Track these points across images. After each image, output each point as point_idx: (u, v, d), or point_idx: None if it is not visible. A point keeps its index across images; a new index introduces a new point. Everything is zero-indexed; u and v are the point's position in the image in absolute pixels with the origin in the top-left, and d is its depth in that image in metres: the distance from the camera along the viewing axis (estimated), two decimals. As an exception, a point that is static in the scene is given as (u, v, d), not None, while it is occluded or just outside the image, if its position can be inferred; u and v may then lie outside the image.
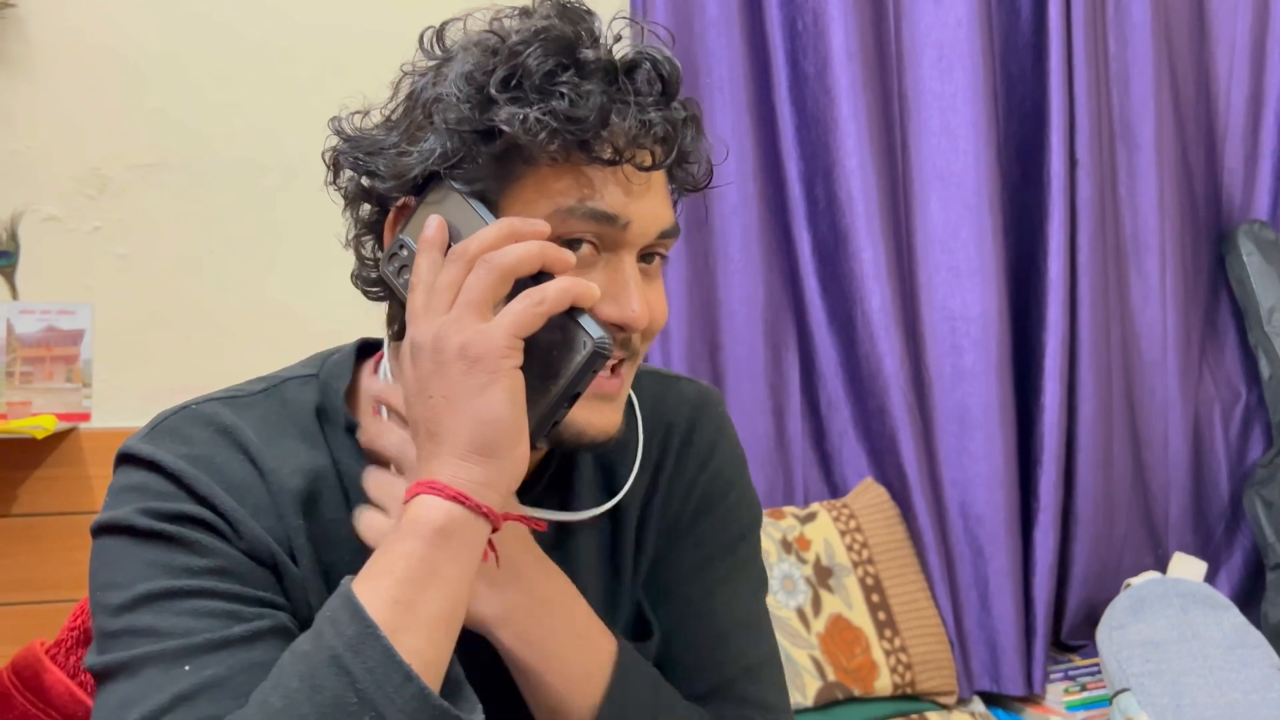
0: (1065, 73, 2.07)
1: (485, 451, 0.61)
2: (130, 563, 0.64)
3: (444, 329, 0.62)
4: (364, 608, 0.58)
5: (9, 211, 1.80)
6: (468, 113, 0.65)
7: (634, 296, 0.67)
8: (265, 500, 0.69)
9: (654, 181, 0.69)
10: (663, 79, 0.68)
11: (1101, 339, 2.11)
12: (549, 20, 0.66)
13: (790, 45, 2.05)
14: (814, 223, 2.07)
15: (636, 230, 0.67)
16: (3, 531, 1.71)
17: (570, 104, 0.63)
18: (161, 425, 0.71)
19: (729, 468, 0.85)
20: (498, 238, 0.63)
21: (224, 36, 1.89)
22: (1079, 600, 2.13)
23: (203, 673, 0.60)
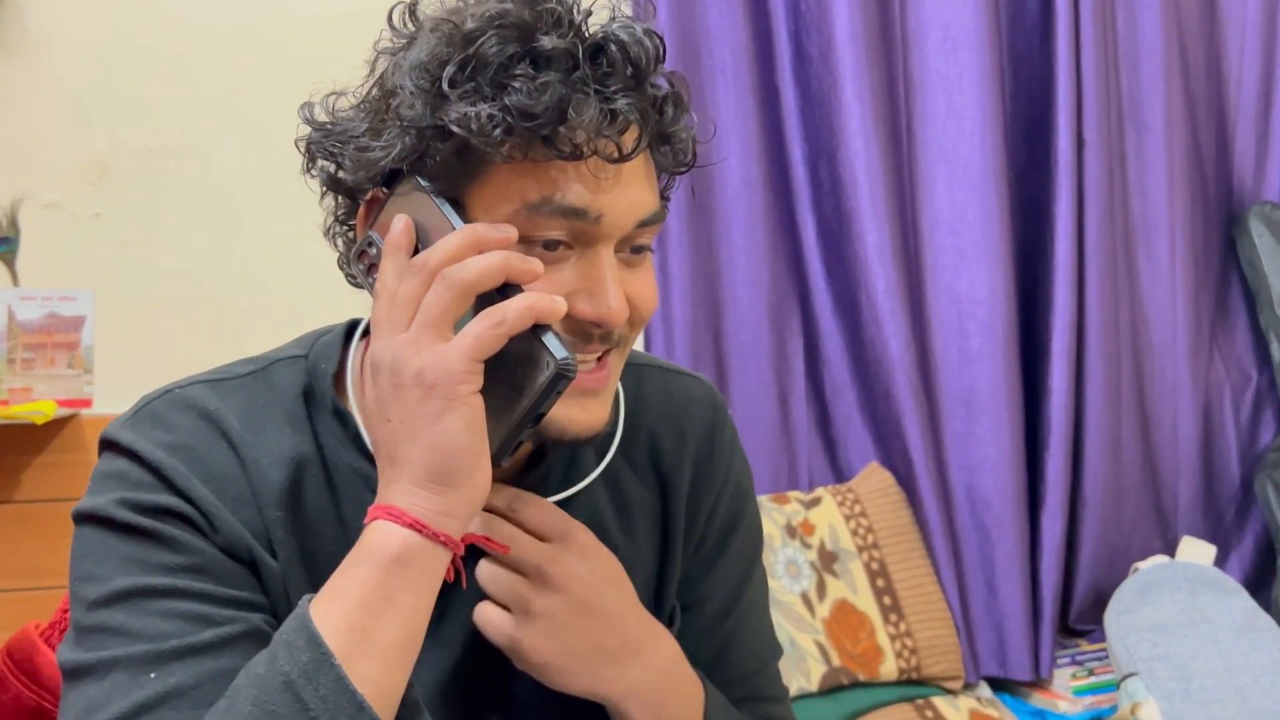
0: (1073, 53, 2.04)
1: (443, 480, 0.60)
2: (108, 556, 0.64)
3: (401, 350, 0.60)
4: (319, 634, 0.57)
5: (9, 198, 1.80)
6: (421, 109, 0.62)
7: (610, 292, 0.64)
8: (245, 492, 0.68)
9: (628, 170, 0.65)
10: (631, 61, 0.63)
11: (1110, 321, 2.09)
12: (506, 3, 0.63)
13: (794, 26, 2.03)
14: (818, 205, 2.06)
15: (610, 222, 0.64)
16: (3, 517, 1.72)
17: (526, 98, 0.60)
18: (144, 410, 0.70)
19: (745, 479, 0.86)
20: (459, 248, 0.61)
21: (224, 22, 1.89)
22: (1087, 585, 2.12)
23: (168, 680, 0.60)
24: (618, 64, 0.63)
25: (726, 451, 0.84)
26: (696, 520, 0.82)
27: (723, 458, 0.83)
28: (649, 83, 0.65)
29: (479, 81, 0.61)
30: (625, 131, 0.63)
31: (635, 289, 0.68)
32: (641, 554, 0.79)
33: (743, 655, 0.85)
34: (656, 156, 0.69)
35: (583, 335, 0.65)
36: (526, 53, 0.62)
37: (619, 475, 0.80)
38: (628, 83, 0.63)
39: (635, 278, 0.68)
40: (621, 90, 0.63)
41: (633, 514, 0.80)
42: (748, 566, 0.86)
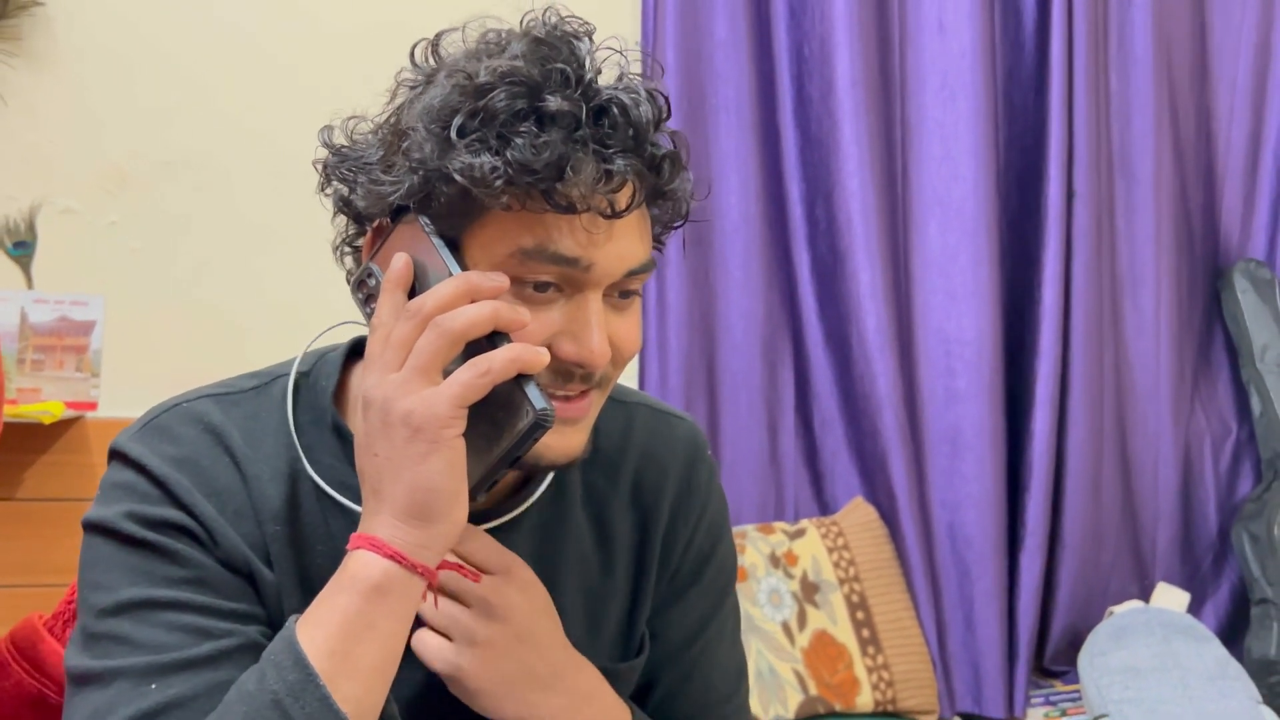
0: (1065, 106, 2.10)
1: (422, 516, 0.63)
2: (115, 567, 0.68)
3: (392, 390, 0.63)
4: (305, 655, 0.61)
5: (28, 203, 1.85)
6: (429, 152, 0.65)
7: (594, 336, 0.67)
8: (246, 506, 0.71)
9: (621, 223, 0.68)
10: (631, 123, 0.66)
11: (1094, 367, 2.14)
12: (516, 61, 0.66)
13: (796, 69, 2.10)
14: (814, 243, 2.11)
15: (600, 271, 0.67)
16: (7, 514, 1.75)
17: (528, 153, 0.63)
18: (152, 423, 0.73)
19: (721, 514, 0.89)
20: (452, 296, 0.64)
21: (245, 38, 1.95)
22: (1063, 626, 2.15)
23: (167, 691, 0.64)
24: (619, 125, 0.66)
25: (704, 487, 0.87)
26: (671, 553, 0.85)
27: (699, 492, 0.87)
28: (648, 143, 0.68)
29: (485, 133, 0.64)
30: (621, 189, 0.66)
31: (620, 332, 0.71)
32: (617, 585, 0.82)
33: (707, 685, 0.87)
34: (652, 210, 0.72)
35: (565, 374, 0.68)
36: (533, 110, 0.65)
37: (604, 509, 0.83)
38: (627, 143, 0.66)
39: (621, 321, 0.71)
40: (620, 151, 0.66)
41: (614, 547, 0.83)
42: (718, 598, 0.88)
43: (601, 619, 0.82)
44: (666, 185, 0.70)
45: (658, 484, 0.84)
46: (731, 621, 0.90)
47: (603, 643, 0.82)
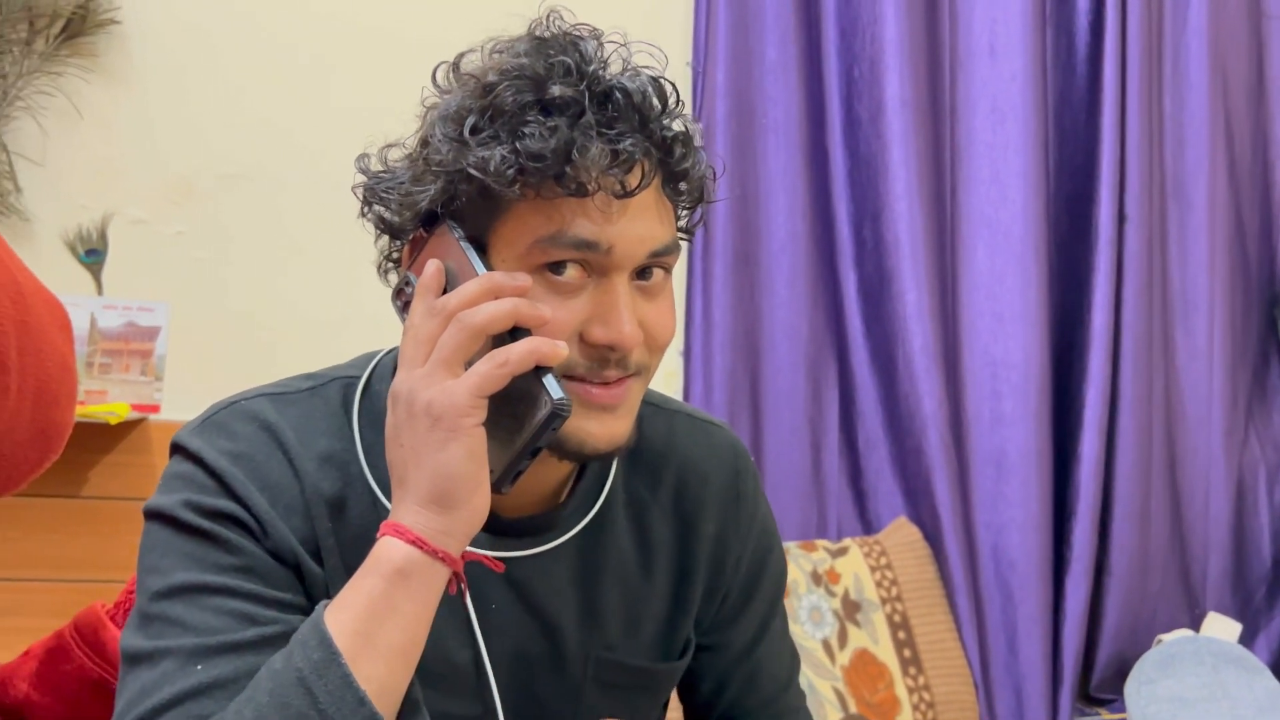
0: (1118, 130, 2.10)
1: (443, 502, 0.66)
2: (172, 552, 0.71)
3: (416, 383, 0.67)
4: (330, 635, 0.64)
5: (100, 213, 1.93)
6: (447, 155, 0.69)
7: (623, 318, 0.69)
8: (298, 501, 0.74)
9: (637, 204, 0.70)
10: (635, 106, 0.69)
11: (1144, 393, 2.12)
12: (520, 59, 0.69)
13: (846, 91, 2.11)
14: (860, 263, 2.12)
15: (621, 253, 0.70)
16: (72, 511, 1.82)
17: (536, 141, 0.66)
18: (212, 419, 0.77)
19: (769, 522, 0.92)
20: (476, 294, 0.67)
21: (303, 59, 2.01)
22: (1109, 653, 2.13)
23: (211, 672, 0.67)
24: (623, 109, 0.69)
25: (751, 503, 0.89)
26: (722, 569, 0.87)
27: (747, 509, 0.89)
28: (656, 124, 0.71)
29: (496, 128, 0.68)
30: (630, 170, 0.69)
31: (651, 316, 0.73)
32: (657, 590, 0.85)
33: (770, 678, 0.92)
34: (669, 193, 0.74)
35: (600, 361, 0.71)
36: (538, 101, 0.68)
37: (645, 514, 0.85)
38: (633, 125, 0.69)
39: (652, 306, 0.73)
40: (626, 132, 0.69)
41: (654, 552, 0.85)
42: (773, 602, 0.92)
43: (640, 620, 0.84)
44: (679, 165, 0.73)
45: (699, 493, 0.86)
46: (783, 614, 0.94)
47: (641, 642, 0.84)
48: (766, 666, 0.91)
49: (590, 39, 0.72)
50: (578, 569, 0.80)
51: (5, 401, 0.90)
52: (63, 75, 1.92)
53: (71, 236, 1.92)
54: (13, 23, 1.87)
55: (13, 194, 1.89)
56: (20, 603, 1.77)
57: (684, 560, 0.86)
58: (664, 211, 0.73)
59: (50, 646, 1.00)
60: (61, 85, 1.92)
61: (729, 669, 0.90)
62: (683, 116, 0.74)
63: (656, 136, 0.71)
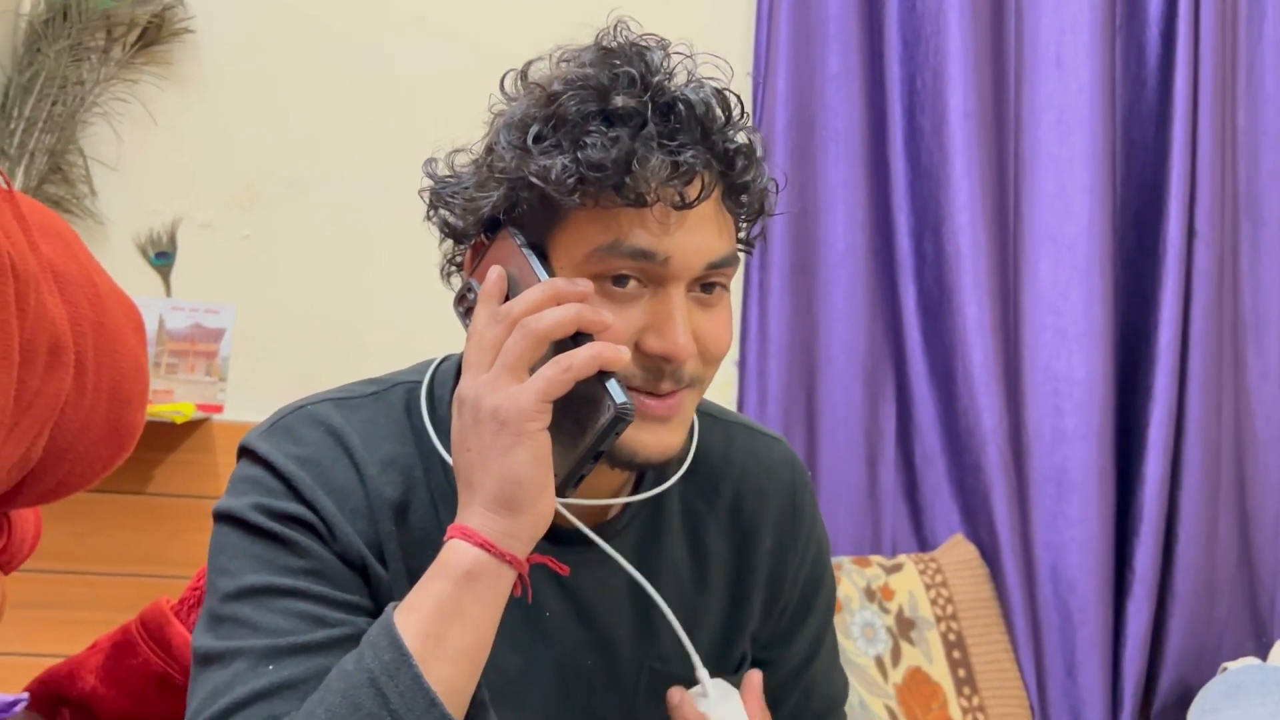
0: (1189, 143, 2.05)
1: (510, 506, 0.67)
2: (241, 554, 0.73)
3: (482, 389, 0.68)
4: (401, 637, 0.65)
5: (170, 216, 1.98)
6: (510, 162, 0.70)
7: (678, 330, 0.70)
8: (363, 505, 0.75)
9: (696, 216, 0.70)
10: (697, 118, 0.70)
11: (1212, 413, 2.07)
12: (585, 68, 0.70)
13: (908, 101, 2.10)
14: (920, 276, 2.10)
15: (679, 264, 0.70)
16: (138, 508, 1.86)
17: (597, 151, 0.67)
18: (279, 424, 0.78)
19: (824, 540, 0.92)
20: (539, 300, 0.68)
21: (377, 65, 2.05)
22: (1172, 680, 2.07)
23: (282, 673, 0.68)
24: (685, 120, 0.69)
25: (809, 518, 0.89)
26: (781, 584, 0.87)
27: (805, 524, 0.89)
28: (718, 136, 0.71)
29: (558, 137, 0.69)
30: (690, 181, 0.69)
31: (707, 329, 0.73)
32: (712, 602, 0.85)
33: (822, 696, 0.92)
34: (729, 205, 0.74)
35: (654, 372, 0.71)
36: (601, 111, 0.69)
37: (701, 526, 0.85)
38: (694, 137, 0.70)
39: (708, 318, 0.73)
40: (688, 144, 0.69)
41: (709, 564, 0.85)
42: (826, 618, 0.92)
43: (694, 633, 0.83)
44: (740, 178, 0.73)
45: (757, 506, 0.86)
46: (834, 633, 0.94)
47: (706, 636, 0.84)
48: (820, 684, 0.92)
49: (656, 49, 0.72)
50: (632, 581, 0.80)
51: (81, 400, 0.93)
52: (138, 83, 1.97)
53: (143, 239, 1.97)
54: (91, 31, 1.93)
55: (88, 197, 1.95)
56: (89, 596, 1.82)
57: (741, 574, 0.86)
58: (723, 224, 0.73)
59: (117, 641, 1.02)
60: (137, 92, 1.97)
61: (784, 685, 0.89)
62: (746, 129, 0.74)
63: (719, 148, 0.71)
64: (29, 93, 1.89)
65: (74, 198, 1.93)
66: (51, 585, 1.79)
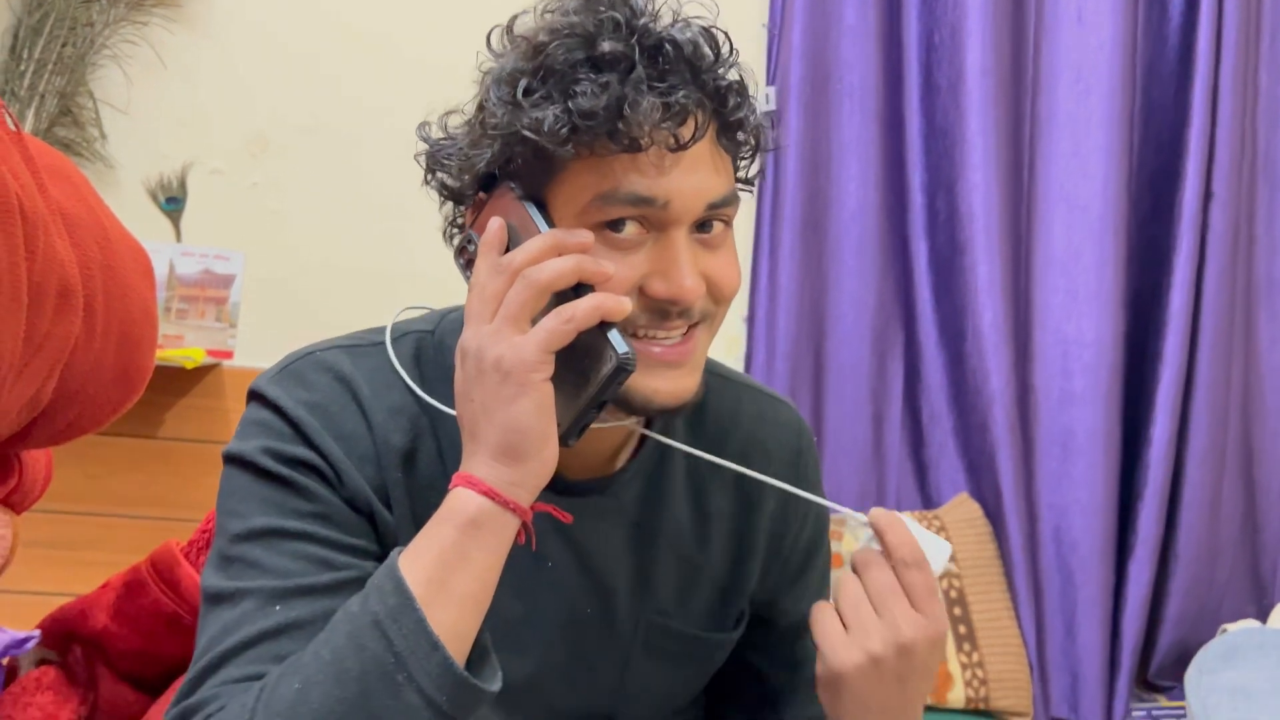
0: (1209, 104, 2.02)
1: (514, 455, 0.67)
2: (251, 497, 0.73)
3: (484, 339, 0.67)
4: (405, 581, 0.65)
5: (181, 162, 1.97)
6: (502, 117, 0.69)
7: (684, 272, 0.69)
8: (370, 451, 0.75)
9: (692, 156, 0.70)
10: (686, 58, 0.69)
11: (1221, 378, 2.06)
12: (570, 16, 0.69)
13: (925, 57, 2.07)
14: (932, 234, 2.08)
15: (679, 207, 0.69)
16: (147, 452, 1.88)
17: (587, 99, 0.66)
18: (289, 368, 0.78)
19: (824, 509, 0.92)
20: (540, 251, 0.67)
21: (388, 17, 2.03)
22: (1171, 640, 2.09)
23: (289, 614, 0.69)
24: (674, 61, 0.69)
25: (812, 483, 0.89)
26: (782, 544, 0.88)
27: (808, 484, 0.88)
28: (708, 75, 0.70)
29: (548, 88, 0.68)
30: (683, 122, 0.68)
31: (714, 268, 0.72)
32: (712, 561, 0.85)
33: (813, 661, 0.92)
34: (725, 143, 0.73)
35: (661, 313, 0.71)
36: (589, 58, 0.68)
37: (705, 484, 0.85)
38: (684, 77, 0.69)
39: (714, 258, 0.73)
40: (678, 85, 0.68)
41: (711, 523, 0.85)
42: (822, 581, 0.93)
43: (693, 589, 0.85)
44: (733, 115, 0.72)
45: (761, 468, 0.85)
46: (830, 590, 0.94)
47: (693, 611, 0.85)
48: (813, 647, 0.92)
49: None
50: (633, 534, 0.81)
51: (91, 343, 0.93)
52: (148, 25, 1.96)
53: (153, 184, 1.97)
54: (101, -28, 1.91)
55: (98, 140, 1.94)
56: (101, 537, 1.84)
57: (743, 533, 0.86)
58: (721, 163, 0.73)
59: (128, 580, 1.04)
60: (146, 35, 1.96)
61: (778, 647, 0.90)
62: (736, 65, 0.73)
63: (709, 87, 0.70)
64: (38, 34, 1.88)
65: (84, 141, 1.93)
66: (64, 526, 1.81)
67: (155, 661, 1.02)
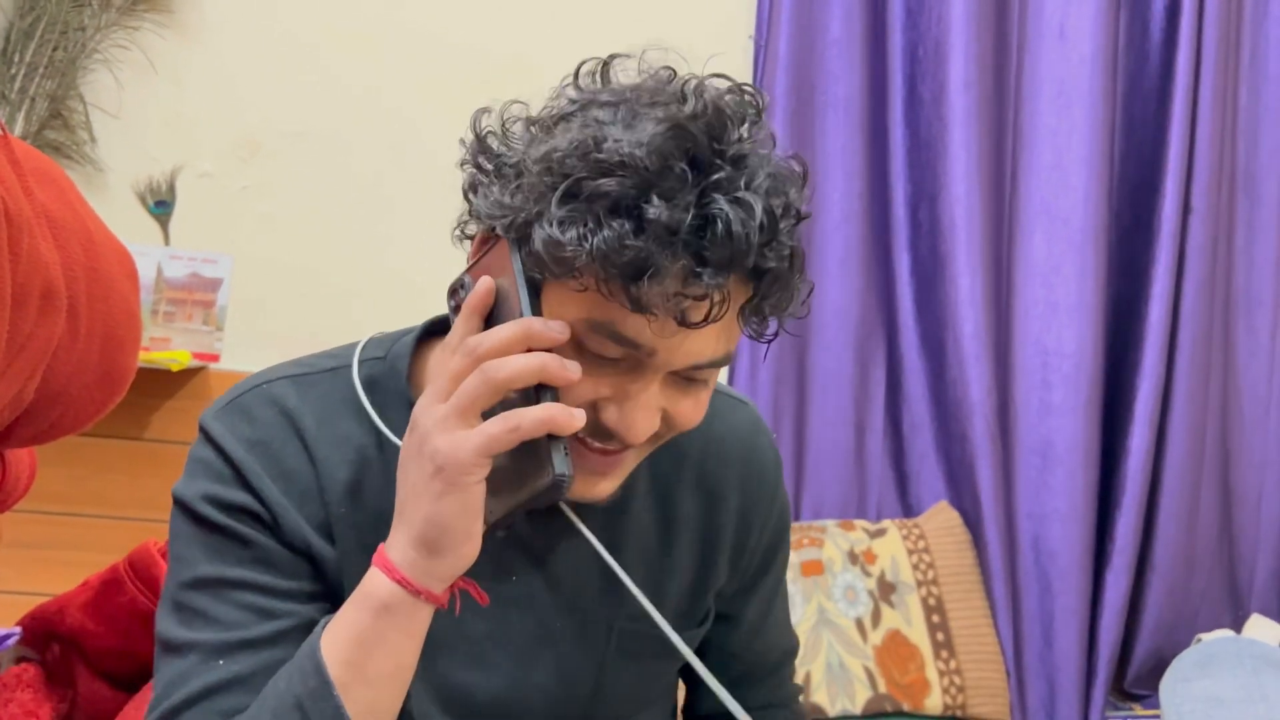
0: (1189, 119, 2.05)
1: (432, 548, 0.67)
2: (194, 544, 0.75)
3: (431, 424, 0.66)
4: (325, 665, 0.67)
5: (170, 165, 1.98)
6: (531, 203, 0.65)
7: (638, 417, 0.67)
8: (312, 487, 0.76)
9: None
10: (733, 240, 0.62)
11: (1199, 389, 2.09)
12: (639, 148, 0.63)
13: (909, 70, 2.09)
14: (915, 245, 2.11)
15: (663, 360, 0.67)
16: (135, 453, 1.89)
17: (615, 247, 0.62)
18: (236, 401, 0.79)
19: (786, 502, 0.93)
20: (507, 342, 0.65)
21: (380, 22, 2.04)
22: (1147, 649, 2.11)
23: (232, 668, 0.71)
24: (719, 241, 0.62)
25: (771, 477, 0.90)
26: (746, 543, 0.89)
27: (769, 483, 0.89)
28: (753, 257, 0.64)
29: (584, 210, 0.63)
30: (701, 300, 0.64)
31: (680, 408, 0.70)
32: (679, 564, 0.86)
33: (777, 648, 0.96)
34: (743, 317, 0.69)
35: (605, 434, 0.69)
36: (636, 207, 0.62)
37: (669, 490, 0.86)
38: (722, 259, 0.63)
39: (683, 398, 0.70)
40: (714, 266, 0.63)
41: (676, 527, 0.86)
42: (781, 574, 0.95)
43: (663, 592, 0.86)
44: (763, 299, 0.68)
45: (721, 469, 0.87)
46: (785, 586, 0.97)
47: (663, 613, 0.85)
48: (773, 636, 0.95)
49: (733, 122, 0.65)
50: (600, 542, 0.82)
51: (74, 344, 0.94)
52: (139, 29, 1.97)
53: (142, 187, 1.98)
54: (93, -24, 1.93)
55: (88, 144, 1.95)
56: (81, 537, 1.85)
57: (709, 533, 0.87)
58: (728, 329, 0.68)
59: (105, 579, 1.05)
60: (137, 39, 1.97)
61: (744, 637, 0.92)
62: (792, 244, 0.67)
63: (749, 269, 0.65)
64: (30, 38, 1.89)
65: (74, 144, 1.94)
66: (48, 526, 1.82)
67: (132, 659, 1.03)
